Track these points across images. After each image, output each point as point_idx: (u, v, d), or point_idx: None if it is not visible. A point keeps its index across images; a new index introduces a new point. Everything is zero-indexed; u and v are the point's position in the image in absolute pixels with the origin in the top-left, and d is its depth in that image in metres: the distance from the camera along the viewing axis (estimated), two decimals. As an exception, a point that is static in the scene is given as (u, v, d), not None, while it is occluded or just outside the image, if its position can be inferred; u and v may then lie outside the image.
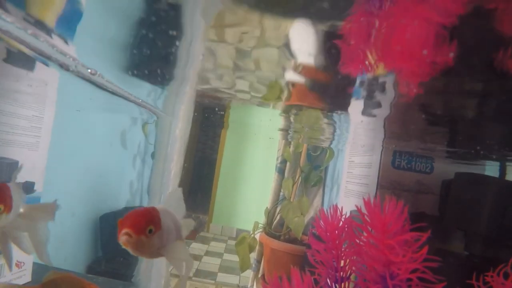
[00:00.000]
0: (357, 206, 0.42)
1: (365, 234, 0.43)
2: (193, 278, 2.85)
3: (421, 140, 0.73)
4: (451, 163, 0.77)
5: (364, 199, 0.40)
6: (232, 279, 2.98)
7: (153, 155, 2.49)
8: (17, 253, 0.85)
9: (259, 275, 2.56)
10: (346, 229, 0.49)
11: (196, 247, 3.46)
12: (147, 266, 0.85)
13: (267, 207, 2.70)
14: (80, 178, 1.72)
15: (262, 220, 2.66)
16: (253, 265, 2.64)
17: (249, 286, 2.76)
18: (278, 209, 2.70)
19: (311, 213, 2.74)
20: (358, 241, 0.43)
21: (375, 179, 0.74)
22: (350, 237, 0.46)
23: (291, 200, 2.63)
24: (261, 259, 2.60)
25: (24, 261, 0.88)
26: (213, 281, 2.89)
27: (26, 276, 0.89)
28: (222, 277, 3.00)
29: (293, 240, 2.44)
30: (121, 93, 0.62)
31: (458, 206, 0.67)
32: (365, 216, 0.40)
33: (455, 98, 0.60)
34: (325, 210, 0.53)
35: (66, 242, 1.64)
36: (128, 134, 2.15)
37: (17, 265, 0.86)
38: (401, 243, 0.36)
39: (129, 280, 0.97)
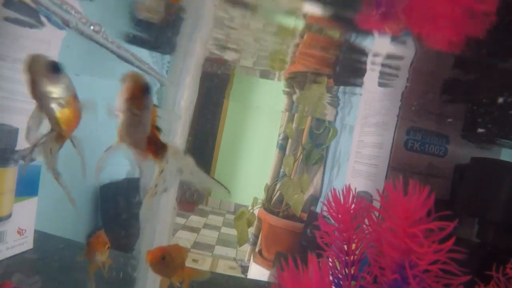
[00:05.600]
0: (378, 191, 0.40)
1: (378, 217, 0.41)
2: (192, 250, 2.89)
3: (437, 120, 0.70)
4: (465, 146, 0.75)
5: (385, 182, 0.38)
6: (229, 252, 3.01)
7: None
8: (19, 220, 0.84)
9: (256, 250, 2.59)
10: (359, 211, 0.47)
11: (195, 219, 3.49)
12: (148, 238, 0.84)
13: (267, 183, 2.69)
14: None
15: (261, 196, 2.67)
16: (251, 240, 2.66)
17: (246, 260, 2.80)
18: (278, 186, 2.70)
19: (310, 191, 2.74)
20: (372, 225, 0.41)
21: (386, 160, 0.72)
22: (367, 221, 0.44)
23: (292, 177, 2.62)
24: (259, 234, 2.62)
25: (26, 228, 0.87)
26: (210, 254, 2.93)
27: (27, 244, 0.88)
28: (219, 250, 3.03)
29: (291, 217, 2.45)
30: (124, 55, 0.58)
31: (473, 191, 0.65)
32: (385, 200, 0.38)
33: (479, 75, 0.57)
34: (337, 190, 0.51)
35: (66, 212, 1.64)
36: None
37: (19, 232, 0.85)
38: (424, 231, 0.34)
39: (129, 252, 0.96)
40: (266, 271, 2.25)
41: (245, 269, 2.70)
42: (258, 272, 2.36)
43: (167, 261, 0.58)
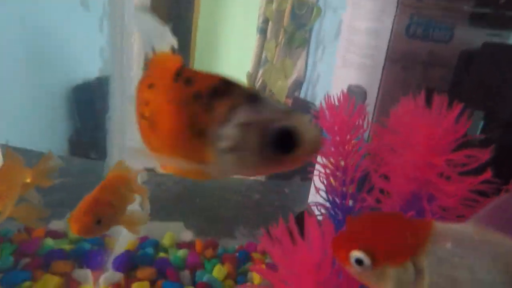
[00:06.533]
0: (392, 112, 0.32)
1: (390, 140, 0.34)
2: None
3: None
4: (474, 31, 0.65)
5: (403, 98, 0.30)
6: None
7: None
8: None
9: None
10: (359, 122, 0.40)
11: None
12: (121, 143, 0.78)
13: (248, 71, 2.59)
14: (38, 43, 1.56)
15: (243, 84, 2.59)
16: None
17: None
18: (260, 73, 2.60)
19: (294, 76, 2.66)
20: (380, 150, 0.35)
21: (383, 49, 0.63)
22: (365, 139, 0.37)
23: (274, 62, 2.51)
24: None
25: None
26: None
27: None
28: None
29: (276, 104, 2.42)
30: None
31: (482, 82, 0.58)
32: (400, 121, 0.30)
33: None
34: (331, 97, 0.43)
35: (39, 118, 1.56)
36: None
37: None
38: (447, 162, 0.27)
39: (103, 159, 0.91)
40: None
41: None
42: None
43: (104, 221, 0.46)
